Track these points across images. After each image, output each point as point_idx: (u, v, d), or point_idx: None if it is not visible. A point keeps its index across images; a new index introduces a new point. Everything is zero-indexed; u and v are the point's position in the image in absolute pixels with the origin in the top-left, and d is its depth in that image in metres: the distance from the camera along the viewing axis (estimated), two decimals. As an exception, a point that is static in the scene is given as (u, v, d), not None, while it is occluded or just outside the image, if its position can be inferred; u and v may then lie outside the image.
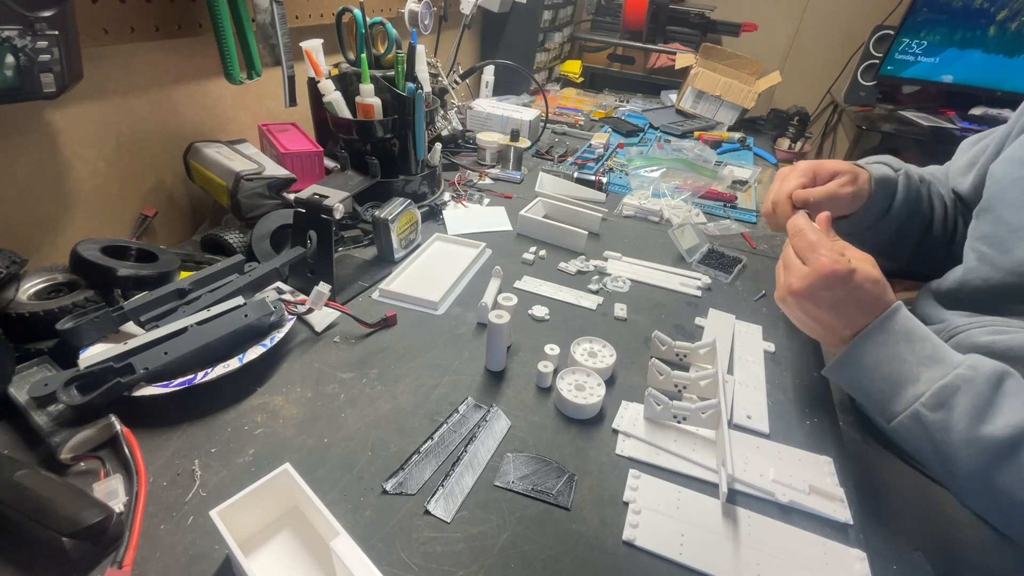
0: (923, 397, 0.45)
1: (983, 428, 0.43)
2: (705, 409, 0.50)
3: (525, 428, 0.51)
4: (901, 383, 0.46)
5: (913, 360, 0.46)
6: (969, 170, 0.67)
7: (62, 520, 0.36)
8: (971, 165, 0.67)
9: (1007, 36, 1.59)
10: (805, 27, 2.12)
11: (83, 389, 0.46)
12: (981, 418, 0.43)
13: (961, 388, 0.44)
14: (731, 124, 1.49)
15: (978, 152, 0.67)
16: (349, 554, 0.34)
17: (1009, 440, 0.42)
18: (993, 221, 0.57)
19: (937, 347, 0.47)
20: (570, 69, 1.86)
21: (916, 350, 0.47)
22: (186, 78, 0.79)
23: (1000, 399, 0.43)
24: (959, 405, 0.44)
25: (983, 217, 0.59)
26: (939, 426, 0.44)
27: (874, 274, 0.48)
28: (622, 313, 0.68)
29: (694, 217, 0.97)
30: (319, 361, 0.57)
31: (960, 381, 0.44)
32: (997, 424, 0.42)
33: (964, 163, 0.69)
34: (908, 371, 0.46)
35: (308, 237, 0.67)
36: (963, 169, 0.69)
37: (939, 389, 0.44)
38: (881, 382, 0.48)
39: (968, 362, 0.45)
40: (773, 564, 0.41)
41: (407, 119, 0.80)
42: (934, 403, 0.44)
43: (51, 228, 0.67)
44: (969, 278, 0.59)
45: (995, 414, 0.43)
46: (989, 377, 0.44)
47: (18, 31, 0.49)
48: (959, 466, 0.44)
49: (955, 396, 0.44)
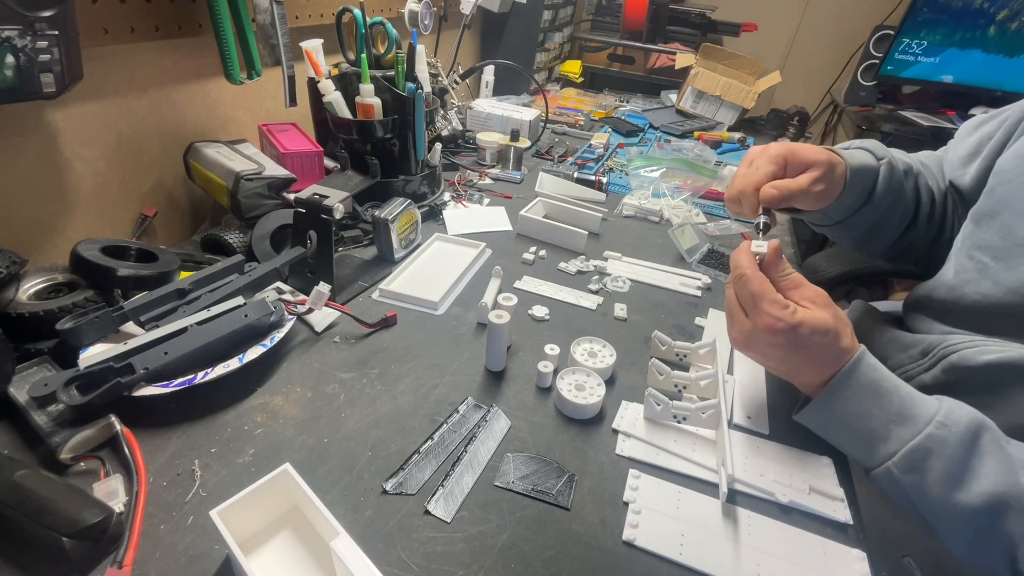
0: (894, 458, 0.42)
1: (958, 495, 0.40)
2: (705, 409, 0.50)
3: (525, 428, 0.51)
4: (872, 439, 0.44)
5: (882, 416, 0.43)
6: (971, 160, 0.60)
7: (62, 520, 0.36)
8: (973, 155, 0.60)
9: (1007, 36, 1.59)
10: (805, 27, 2.12)
11: (83, 389, 0.46)
12: (956, 484, 0.40)
13: (933, 451, 0.41)
14: (731, 124, 1.49)
15: (982, 139, 0.60)
16: (349, 554, 0.34)
17: (986, 508, 0.39)
18: (999, 230, 0.50)
19: (905, 400, 0.44)
20: (570, 69, 1.86)
21: (884, 405, 0.43)
22: (186, 78, 0.79)
23: (975, 461, 0.41)
24: (932, 470, 0.41)
25: (986, 224, 0.52)
26: (913, 488, 0.42)
27: (823, 323, 0.43)
28: (622, 313, 0.68)
29: (694, 217, 0.97)
30: (319, 361, 0.57)
31: (931, 443, 0.41)
32: (972, 491, 0.40)
33: (965, 152, 0.61)
34: (877, 428, 0.43)
35: (308, 237, 0.67)
36: (964, 159, 0.61)
37: (910, 451, 0.42)
38: (852, 435, 0.45)
39: (939, 417, 0.42)
40: (773, 564, 0.41)
41: (407, 119, 0.80)
42: (906, 466, 0.42)
43: (51, 228, 0.67)
44: (966, 291, 0.53)
45: (970, 479, 0.40)
46: (963, 437, 0.41)
47: (18, 31, 0.49)
48: (935, 526, 0.42)
49: (927, 460, 0.41)
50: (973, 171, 0.59)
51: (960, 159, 0.62)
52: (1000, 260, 0.50)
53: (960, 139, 0.64)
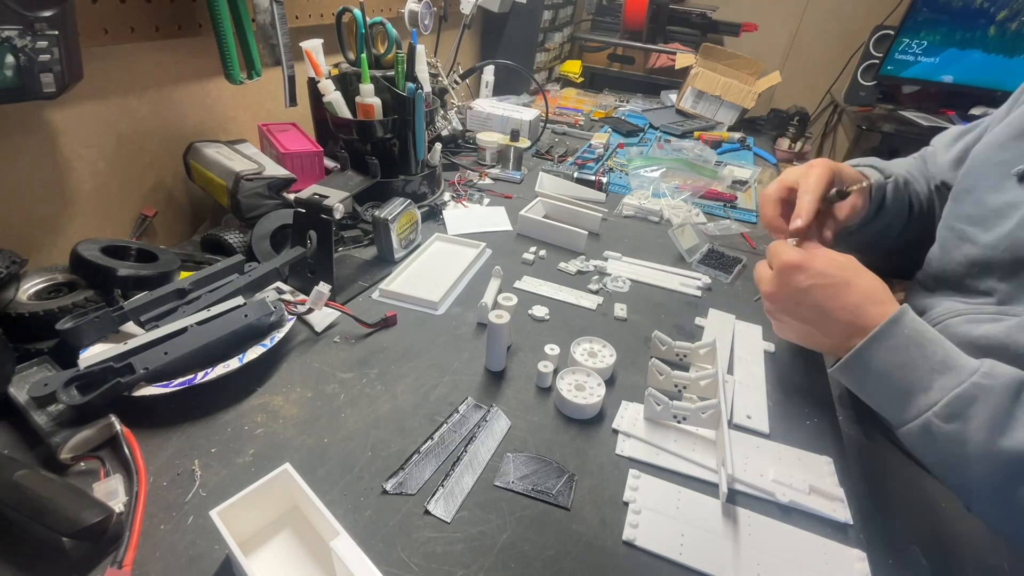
0: (936, 407, 0.42)
1: (1002, 441, 0.40)
2: (705, 409, 0.50)
3: (525, 428, 0.51)
4: (911, 391, 0.44)
5: (925, 366, 0.44)
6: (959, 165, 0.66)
7: (62, 520, 0.36)
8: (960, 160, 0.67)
9: (1007, 36, 1.59)
10: (805, 27, 2.12)
11: (83, 389, 0.46)
12: (999, 430, 0.40)
13: (979, 398, 0.41)
14: (731, 124, 1.49)
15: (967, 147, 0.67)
16: (349, 554, 0.34)
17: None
18: (974, 203, 0.57)
19: (949, 351, 0.44)
20: (570, 69, 1.86)
21: (928, 355, 0.44)
22: (186, 78, 0.79)
23: (1020, 410, 0.41)
24: (976, 416, 0.41)
25: (964, 199, 0.59)
26: (952, 438, 0.42)
27: (838, 259, 0.48)
28: (622, 313, 0.68)
29: (694, 217, 0.97)
30: (319, 361, 0.57)
31: (977, 391, 0.41)
32: (1017, 437, 0.40)
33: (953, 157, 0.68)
34: (919, 378, 0.44)
35: (308, 237, 0.67)
36: (953, 164, 0.68)
37: (954, 399, 0.42)
38: (889, 389, 0.46)
39: (983, 368, 0.42)
40: (773, 564, 0.41)
41: (407, 119, 0.80)
42: (948, 413, 0.42)
43: (51, 228, 0.67)
44: (952, 256, 0.58)
45: (1015, 426, 0.40)
46: (1008, 386, 0.41)
47: (18, 31, 0.49)
48: (972, 478, 0.42)
49: (971, 407, 0.41)
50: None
51: (950, 163, 0.69)
52: (977, 225, 0.56)
53: (944, 147, 0.72)
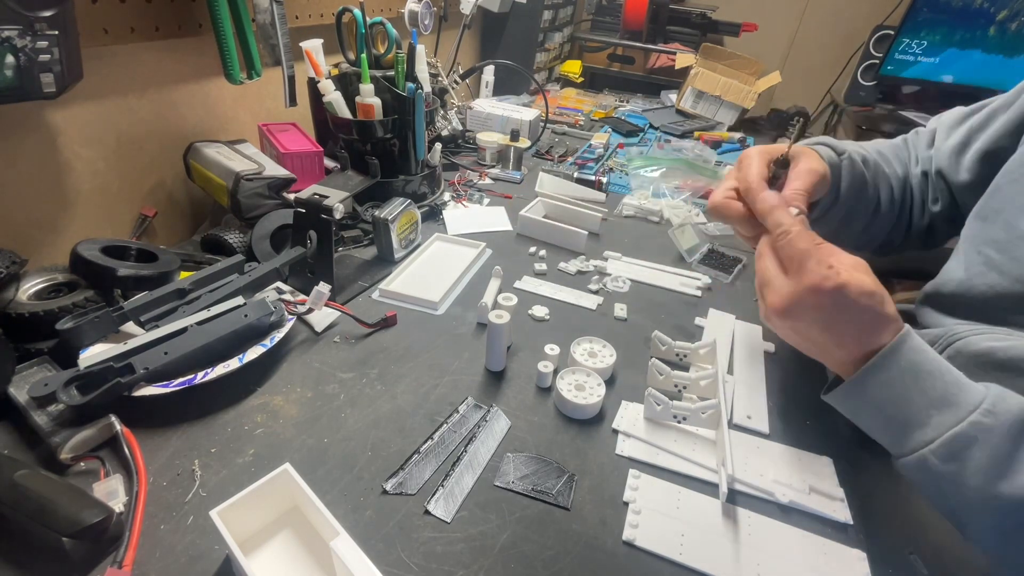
0: (932, 445, 0.39)
1: (1000, 485, 0.37)
2: (705, 409, 0.50)
3: (525, 428, 0.51)
4: (907, 425, 0.41)
5: (921, 402, 0.41)
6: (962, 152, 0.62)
7: (62, 520, 0.36)
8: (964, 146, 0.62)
9: (1007, 36, 1.59)
10: (805, 27, 2.12)
11: (83, 389, 0.46)
12: (999, 474, 0.38)
13: (978, 440, 0.38)
14: (731, 124, 1.49)
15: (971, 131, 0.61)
16: (349, 554, 0.34)
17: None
18: (1003, 225, 0.52)
19: (949, 385, 0.41)
20: (570, 69, 1.86)
21: (925, 390, 0.41)
22: (186, 78, 0.79)
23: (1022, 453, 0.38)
24: (973, 459, 0.38)
25: (993, 220, 0.54)
26: (949, 478, 0.39)
27: (869, 286, 0.41)
28: (622, 313, 0.68)
29: (694, 217, 0.97)
30: (319, 361, 0.57)
31: (976, 431, 0.38)
32: (1017, 482, 0.37)
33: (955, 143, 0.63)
34: (915, 413, 0.41)
35: (308, 237, 0.67)
36: (955, 150, 0.62)
37: (950, 439, 0.39)
38: (885, 420, 0.43)
39: (986, 404, 0.39)
40: (773, 564, 0.41)
41: (407, 119, 0.80)
42: (945, 454, 0.39)
43: (51, 228, 0.67)
44: (975, 283, 0.54)
45: (1016, 470, 0.37)
46: (1011, 427, 0.38)
47: (18, 31, 0.49)
48: (968, 518, 0.40)
49: (969, 449, 0.38)
50: (967, 163, 0.61)
51: (951, 149, 0.63)
52: (1004, 252, 0.52)
53: (947, 129, 0.65)
